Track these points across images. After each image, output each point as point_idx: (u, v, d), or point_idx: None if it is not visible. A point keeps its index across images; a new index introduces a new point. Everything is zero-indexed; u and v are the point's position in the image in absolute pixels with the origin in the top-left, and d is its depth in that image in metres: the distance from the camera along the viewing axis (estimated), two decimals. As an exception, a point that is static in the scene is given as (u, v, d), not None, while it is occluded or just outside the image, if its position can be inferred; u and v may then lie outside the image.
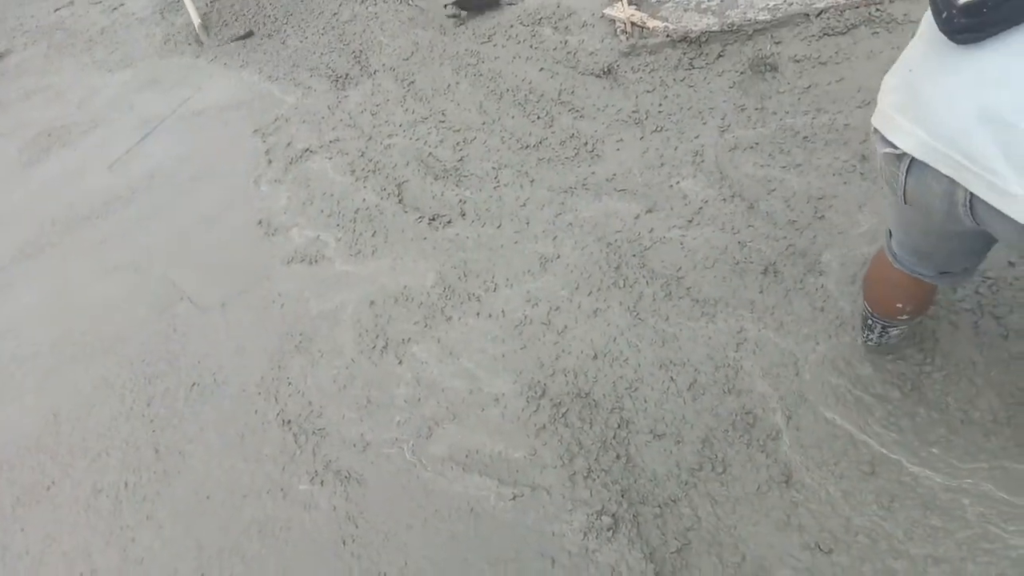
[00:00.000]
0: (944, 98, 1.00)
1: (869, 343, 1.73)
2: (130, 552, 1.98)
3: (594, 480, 1.72)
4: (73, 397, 2.51)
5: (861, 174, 2.15)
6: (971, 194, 1.03)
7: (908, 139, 1.07)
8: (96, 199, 3.53)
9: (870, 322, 1.67)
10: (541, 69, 3.19)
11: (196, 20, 4.83)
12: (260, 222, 2.94)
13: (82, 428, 2.38)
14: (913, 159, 1.09)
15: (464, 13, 3.78)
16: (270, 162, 3.30)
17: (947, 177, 1.05)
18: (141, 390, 2.42)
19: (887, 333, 1.67)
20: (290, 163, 3.24)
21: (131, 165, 3.71)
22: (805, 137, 2.32)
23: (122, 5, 5.77)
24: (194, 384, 2.37)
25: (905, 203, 1.18)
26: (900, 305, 1.53)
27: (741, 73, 2.68)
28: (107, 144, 3.97)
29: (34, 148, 4.24)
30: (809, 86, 2.50)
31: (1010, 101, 0.92)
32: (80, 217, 3.45)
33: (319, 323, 2.41)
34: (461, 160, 2.88)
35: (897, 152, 1.11)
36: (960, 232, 1.19)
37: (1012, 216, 0.97)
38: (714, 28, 2.88)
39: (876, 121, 1.15)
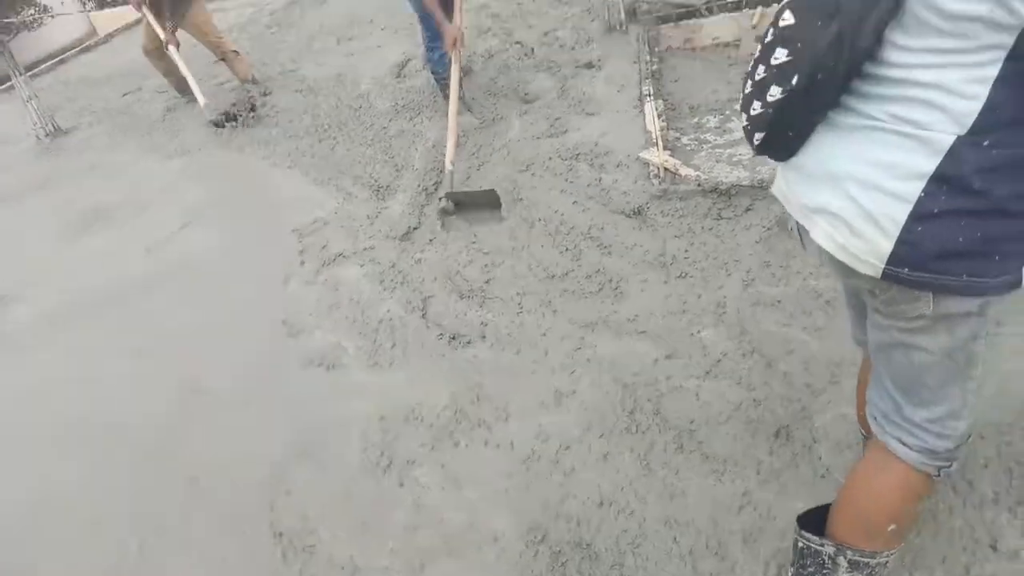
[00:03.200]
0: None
1: None
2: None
3: (587, 640, 1.64)
4: (66, 478, 2.49)
5: (883, 344, 2.15)
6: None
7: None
8: (128, 280, 3.62)
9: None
10: (574, 202, 3.29)
11: (201, 100, 5.30)
12: (284, 321, 2.99)
13: (70, 513, 2.34)
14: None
15: (453, 208, 3.40)
16: (303, 263, 3.39)
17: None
18: (138, 480, 2.39)
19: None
20: (322, 266, 3.32)
21: (168, 250, 3.83)
22: (827, 301, 2.34)
23: (185, 97, 6.12)
24: (192, 480, 2.34)
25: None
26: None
27: (768, 229, 2.74)
28: (150, 227, 4.12)
29: (80, 223, 4.40)
30: (835, 250, 2.54)
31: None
32: (109, 295, 3.53)
33: (327, 432, 2.40)
34: (488, 282, 2.94)
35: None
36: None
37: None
38: (744, 182, 2.97)
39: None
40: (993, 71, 0.88)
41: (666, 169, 3.20)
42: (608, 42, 4.90)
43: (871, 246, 1.01)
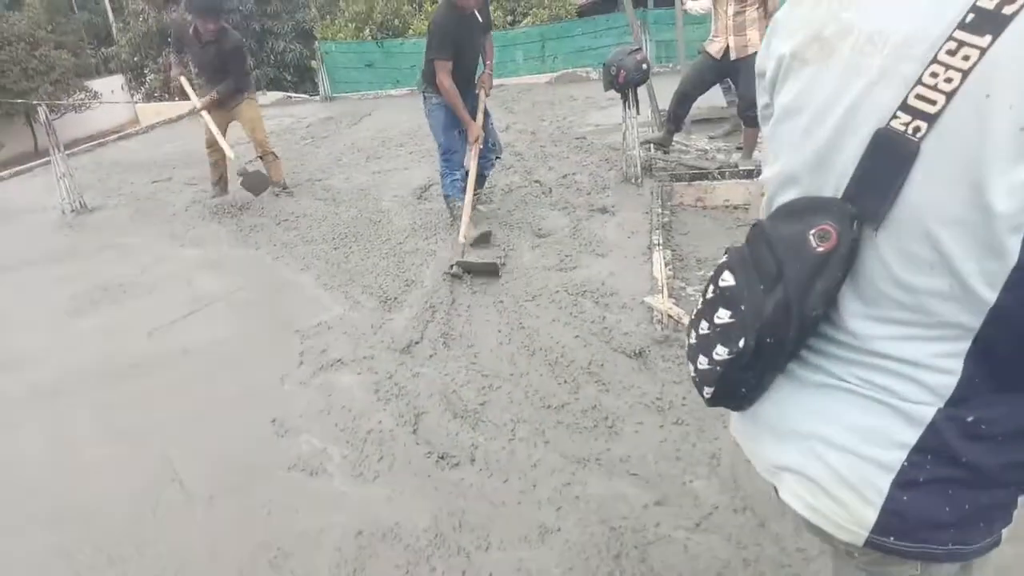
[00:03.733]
0: None
1: None
2: None
3: None
4: (26, 560, 2.38)
5: (876, 516, 2.11)
6: None
7: None
8: (125, 361, 3.61)
9: None
10: (576, 336, 3.34)
11: (229, 152, 5.65)
12: (274, 420, 2.96)
13: (22, 598, 2.22)
14: None
15: (462, 273, 4.07)
16: (301, 363, 3.39)
17: None
18: (101, 572, 2.28)
19: None
20: (319, 369, 3.32)
21: (169, 336, 3.84)
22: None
23: (214, 192, 6.34)
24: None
25: None
26: None
27: (767, 386, 2.76)
28: (154, 311, 4.15)
29: (86, 299, 4.44)
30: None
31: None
32: (104, 374, 3.51)
33: (300, 542, 2.32)
34: (483, 405, 2.93)
35: None
36: None
37: None
38: (746, 338, 3.02)
39: None
40: (965, 345, 0.82)
41: (670, 316, 3.27)
42: (623, 191, 5.14)
43: (852, 514, 0.92)
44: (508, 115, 7.99)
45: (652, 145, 5.57)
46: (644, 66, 4.67)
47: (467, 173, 4.75)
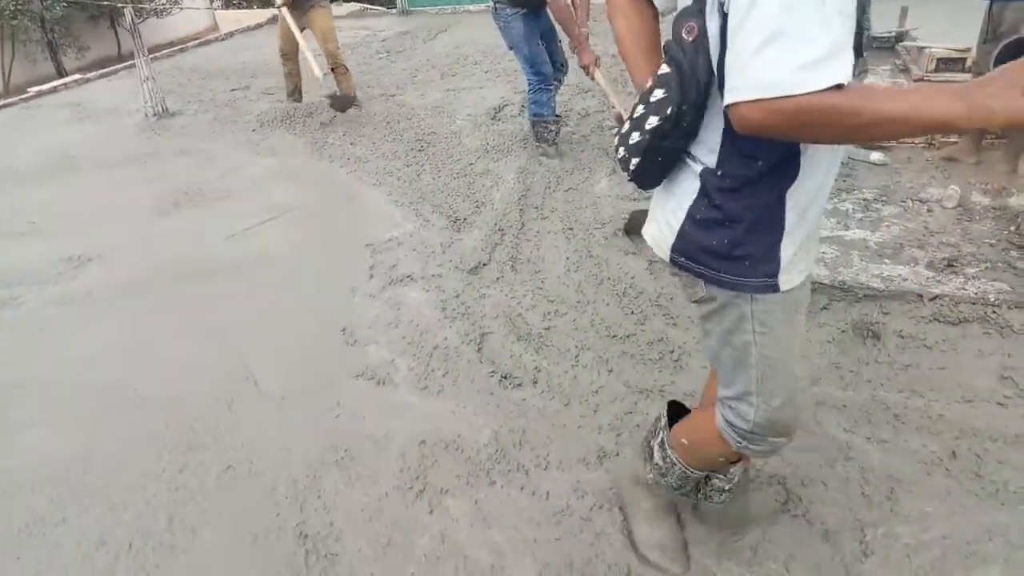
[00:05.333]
0: None
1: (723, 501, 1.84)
2: (106, 619, 1.91)
3: None
4: (112, 441, 2.54)
5: (947, 470, 2.06)
6: None
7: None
8: (204, 263, 3.74)
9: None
10: (647, 268, 3.29)
11: (318, 71, 5.49)
12: (344, 330, 3.04)
13: (110, 475, 2.38)
14: None
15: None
16: (371, 277, 3.45)
17: None
18: (179, 456, 2.43)
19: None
20: (389, 283, 3.38)
21: (246, 242, 3.95)
22: (896, 415, 2.26)
23: (289, 102, 6.38)
24: (229, 467, 2.36)
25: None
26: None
27: (842, 332, 2.68)
28: (232, 217, 4.27)
29: (169, 201, 4.59)
30: (909, 365, 2.48)
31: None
32: (183, 274, 3.65)
33: (366, 445, 2.41)
34: (547, 329, 2.94)
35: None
36: None
37: None
38: (824, 280, 2.93)
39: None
40: (721, 122, 1.22)
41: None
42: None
43: (664, 239, 1.40)
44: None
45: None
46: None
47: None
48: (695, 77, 1.19)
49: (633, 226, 3.70)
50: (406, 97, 6.42)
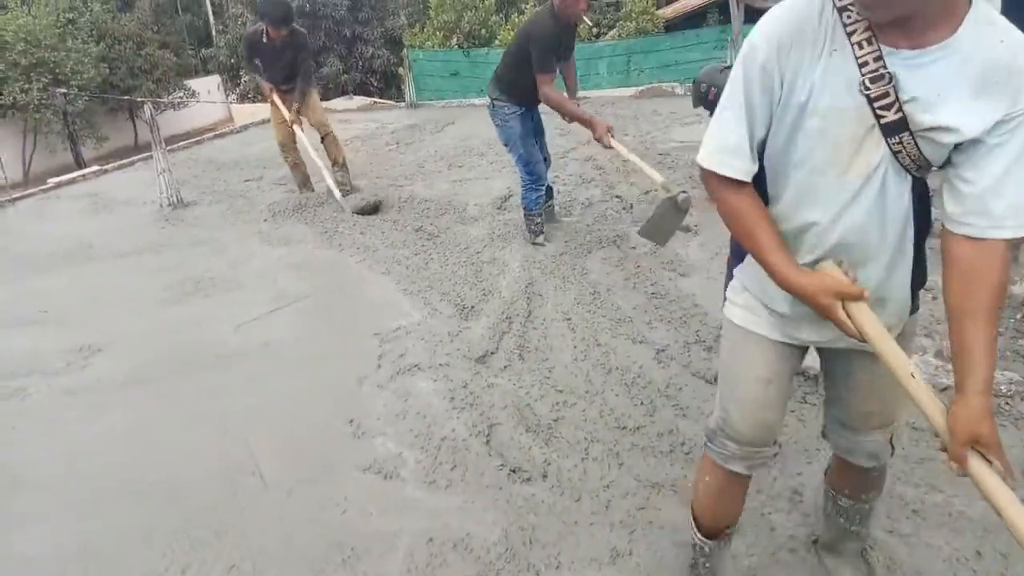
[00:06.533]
0: None
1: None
2: None
3: None
4: (112, 536, 2.49)
5: (974, 571, 2.00)
6: None
7: None
8: (212, 352, 3.76)
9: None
10: (654, 356, 3.29)
11: (336, 193, 5.85)
12: (351, 421, 3.02)
13: (110, 574, 2.32)
14: None
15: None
16: (379, 366, 3.45)
17: None
18: (181, 555, 2.37)
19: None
20: (397, 372, 3.37)
21: (254, 331, 3.98)
22: (915, 510, 2.22)
23: (302, 193, 6.54)
24: (232, 566, 2.30)
25: None
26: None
27: (854, 423, 2.65)
28: (241, 306, 4.31)
29: (180, 290, 4.65)
30: (924, 459, 2.44)
31: None
32: (192, 364, 3.66)
33: (372, 543, 2.35)
34: (556, 421, 2.92)
35: None
36: None
37: None
38: (833, 370, 2.91)
39: None
40: None
41: (753, 342, 3.18)
42: (707, 210, 5.03)
43: None
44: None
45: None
46: (735, 85, 4.57)
47: (549, 188, 4.76)
48: None
49: (650, 231, 3.67)
50: (414, 187, 6.58)
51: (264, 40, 5.81)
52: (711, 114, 4.83)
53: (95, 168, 8.92)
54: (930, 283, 1.54)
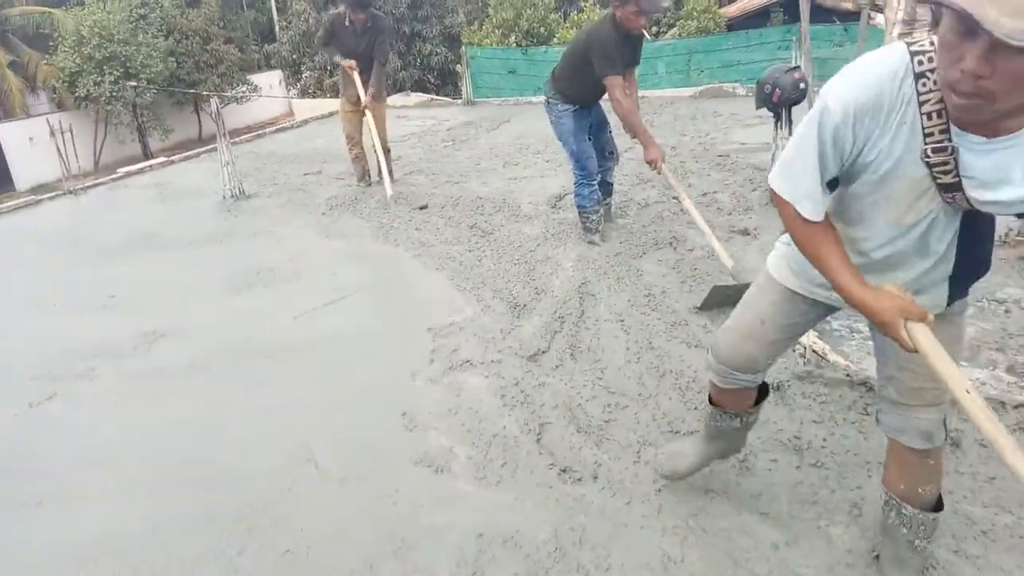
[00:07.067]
0: None
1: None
2: None
3: None
4: (175, 517, 2.57)
5: (1045, 597, 1.92)
6: None
7: None
8: (272, 341, 3.85)
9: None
10: (709, 362, 3.24)
11: (389, 191, 5.92)
12: (404, 414, 3.05)
13: (171, 552, 2.40)
14: None
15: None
16: (432, 361, 3.49)
17: None
18: (239, 537, 2.44)
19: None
20: (450, 368, 3.40)
21: (313, 322, 4.06)
22: (983, 531, 2.13)
23: (359, 187, 6.65)
24: (287, 551, 2.36)
25: None
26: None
27: (919, 437, 2.57)
28: (301, 297, 4.40)
29: (242, 280, 4.77)
30: (994, 478, 2.35)
31: None
32: (252, 353, 3.76)
33: (423, 535, 2.38)
34: (608, 422, 2.90)
35: None
36: None
37: None
38: (897, 382, 2.83)
39: None
40: None
41: (813, 351, 3.10)
42: (767, 214, 4.94)
43: None
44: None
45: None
46: (802, 85, 4.47)
47: (608, 184, 4.75)
48: None
49: (712, 302, 3.70)
50: (470, 184, 6.62)
51: (347, 23, 6.04)
52: (775, 116, 4.77)
53: (162, 159, 9.24)
54: (1002, 296, 1.51)
